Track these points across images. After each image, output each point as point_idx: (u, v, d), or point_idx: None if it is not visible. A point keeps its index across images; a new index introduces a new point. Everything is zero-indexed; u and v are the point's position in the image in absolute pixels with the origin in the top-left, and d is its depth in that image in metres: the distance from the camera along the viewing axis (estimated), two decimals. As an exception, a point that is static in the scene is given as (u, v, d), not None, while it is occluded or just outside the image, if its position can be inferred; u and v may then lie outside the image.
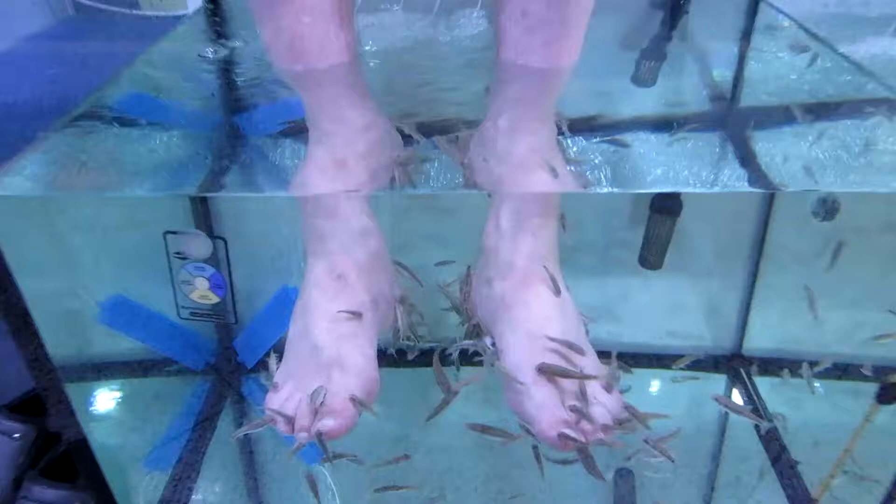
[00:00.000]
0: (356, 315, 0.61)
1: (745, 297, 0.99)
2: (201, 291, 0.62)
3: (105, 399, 0.94)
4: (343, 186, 0.58)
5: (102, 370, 0.94)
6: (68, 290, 0.81)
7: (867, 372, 0.80)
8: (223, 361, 0.99)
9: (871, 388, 0.89)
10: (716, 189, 0.59)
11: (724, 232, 0.95)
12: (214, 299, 0.62)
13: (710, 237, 0.95)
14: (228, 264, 0.60)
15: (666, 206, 0.86)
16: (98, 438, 0.89)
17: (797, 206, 0.89)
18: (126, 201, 0.71)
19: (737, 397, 1.00)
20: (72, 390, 0.87)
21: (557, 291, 0.61)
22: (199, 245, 0.58)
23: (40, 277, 0.73)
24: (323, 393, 0.57)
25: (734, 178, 0.60)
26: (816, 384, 0.81)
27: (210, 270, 0.60)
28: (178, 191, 0.60)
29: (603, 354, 0.61)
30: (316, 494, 0.65)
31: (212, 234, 0.57)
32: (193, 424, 0.94)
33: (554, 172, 0.56)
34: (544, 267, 0.61)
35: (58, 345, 0.87)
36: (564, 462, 0.59)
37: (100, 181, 0.55)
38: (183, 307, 0.63)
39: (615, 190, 0.57)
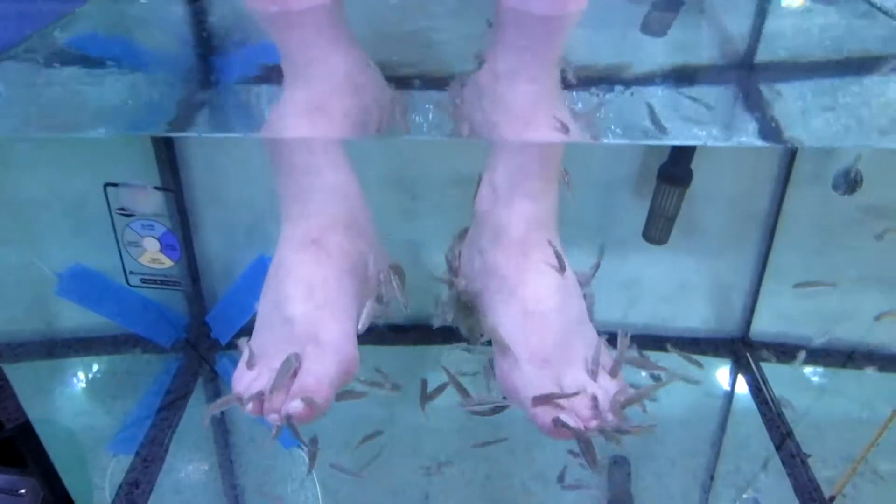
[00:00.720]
0: (334, 284, 0.55)
1: (755, 277, 0.95)
2: (152, 254, 0.55)
3: (73, 377, 0.91)
4: (321, 132, 0.52)
5: (72, 346, 0.90)
6: (28, 262, 0.76)
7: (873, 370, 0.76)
8: (195, 338, 0.94)
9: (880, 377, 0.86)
10: (729, 144, 0.54)
11: (735, 206, 0.91)
12: (168, 263, 0.56)
13: (721, 212, 0.91)
14: (183, 221, 0.53)
15: (675, 175, 0.81)
16: (64, 418, 0.85)
17: (815, 180, 0.85)
18: (79, 155, 0.65)
19: (741, 383, 0.97)
20: (39, 368, 0.82)
21: (561, 265, 0.55)
22: (146, 199, 0.51)
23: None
24: (293, 366, 0.51)
25: (748, 135, 0.56)
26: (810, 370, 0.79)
27: (160, 229, 0.53)
28: (140, 132, 0.54)
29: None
30: (311, 468, 0.59)
31: (160, 186, 0.50)
32: (163, 404, 0.90)
33: (558, 123, 0.51)
34: (548, 241, 0.56)
35: (20, 320, 0.82)
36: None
37: (50, 122, 0.48)
38: (132, 273, 0.57)
39: (622, 142, 0.52)
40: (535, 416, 0.52)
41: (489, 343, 0.57)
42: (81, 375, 0.90)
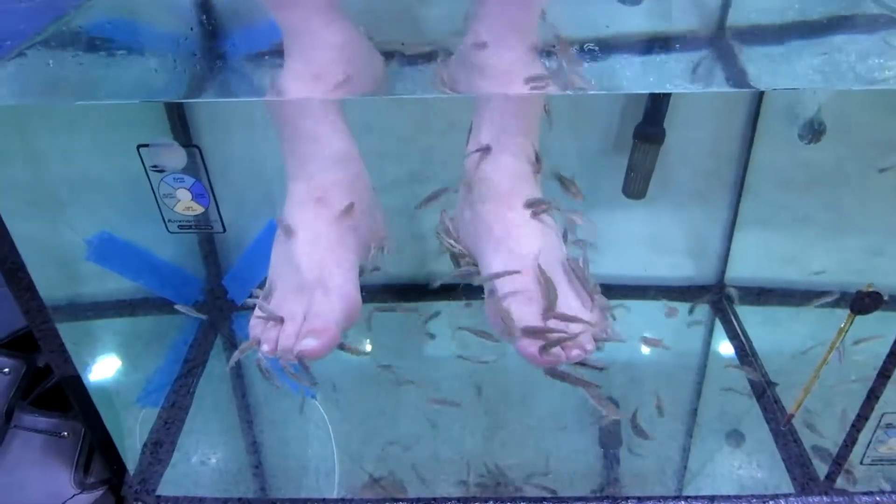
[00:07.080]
0: (337, 237, 0.61)
1: (728, 225, 0.99)
2: (185, 203, 0.62)
3: (96, 339, 0.92)
4: (319, 97, 0.58)
5: (94, 309, 0.92)
6: (55, 227, 0.80)
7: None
8: (211, 300, 0.99)
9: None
10: (704, 89, 0.59)
11: (707, 160, 0.95)
12: (199, 209, 0.63)
13: (694, 166, 0.95)
14: (207, 172, 0.61)
15: (649, 134, 0.85)
16: (92, 374, 0.88)
17: (781, 132, 0.89)
18: (99, 126, 0.71)
19: (719, 327, 1.01)
20: (63, 330, 0.86)
21: (541, 212, 0.61)
22: (174, 155, 0.58)
23: (26, 214, 0.73)
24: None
25: (719, 85, 0.61)
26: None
27: (190, 180, 0.60)
28: (157, 98, 0.60)
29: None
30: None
31: (184, 143, 0.57)
32: (183, 362, 0.95)
33: (534, 79, 0.56)
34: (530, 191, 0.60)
35: (49, 285, 0.86)
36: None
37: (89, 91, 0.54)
38: (170, 221, 0.64)
39: (600, 92, 0.57)
40: (522, 349, 0.57)
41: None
42: (107, 335, 0.93)
